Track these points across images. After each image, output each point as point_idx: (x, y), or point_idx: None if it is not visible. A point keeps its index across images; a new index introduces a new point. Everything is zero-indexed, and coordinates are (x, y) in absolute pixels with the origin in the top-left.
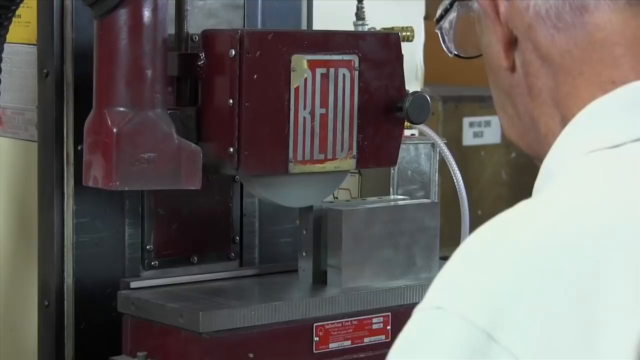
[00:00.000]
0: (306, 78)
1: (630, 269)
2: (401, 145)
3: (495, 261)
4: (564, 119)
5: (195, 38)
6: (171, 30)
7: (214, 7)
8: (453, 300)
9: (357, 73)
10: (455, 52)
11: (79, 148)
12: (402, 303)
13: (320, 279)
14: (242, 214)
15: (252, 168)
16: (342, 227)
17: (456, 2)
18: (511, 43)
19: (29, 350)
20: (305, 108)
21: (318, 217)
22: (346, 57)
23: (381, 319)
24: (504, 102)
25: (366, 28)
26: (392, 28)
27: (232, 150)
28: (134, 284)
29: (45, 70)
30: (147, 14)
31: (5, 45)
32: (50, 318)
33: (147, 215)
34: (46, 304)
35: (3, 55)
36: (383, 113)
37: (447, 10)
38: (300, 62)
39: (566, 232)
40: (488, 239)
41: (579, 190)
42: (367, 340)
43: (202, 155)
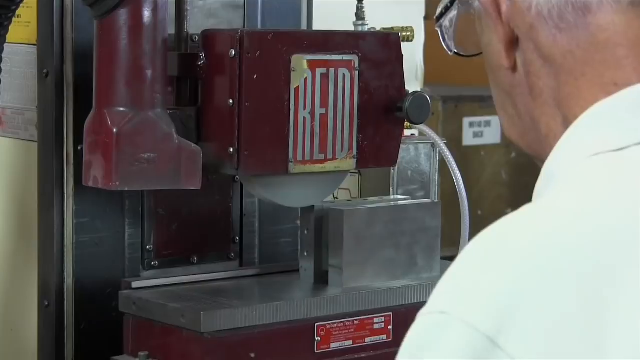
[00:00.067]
0: (306, 78)
1: (635, 272)
2: (401, 145)
3: (498, 266)
4: (565, 120)
5: (195, 38)
6: (171, 30)
7: (214, 7)
8: (456, 305)
9: (357, 73)
10: (455, 51)
11: (79, 148)
12: (404, 303)
13: (321, 278)
14: (242, 214)
15: (252, 168)
16: (343, 227)
17: (457, 0)
18: (512, 43)
19: (29, 350)
20: (305, 108)
21: (319, 217)
22: (346, 57)
23: (382, 319)
24: (504, 101)
25: (366, 28)
26: (392, 28)
27: (232, 150)
28: (135, 283)
29: (45, 70)
30: (147, 14)
31: (5, 45)
32: (50, 318)
33: (147, 215)
34: (46, 304)
35: (3, 55)
36: (383, 113)
37: (447, 8)
38: (300, 62)
39: (570, 236)
40: (491, 243)
41: (582, 193)
42: (368, 340)
43: (202, 155)
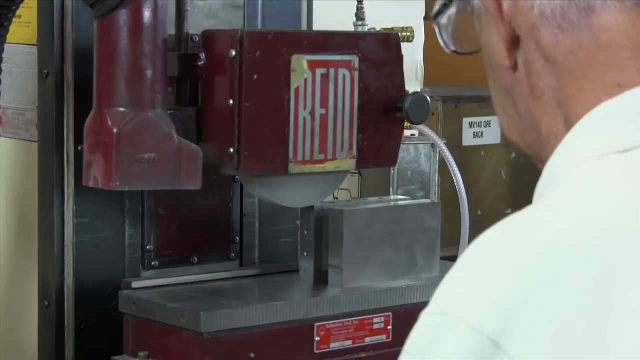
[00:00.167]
0: (306, 78)
1: None
2: (401, 145)
3: (501, 267)
4: (567, 121)
5: (195, 38)
6: (171, 30)
7: (214, 7)
8: (459, 306)
9: (357, 73)
10: (453, 48)
11: (79, 148)
12: (403, 303)
13: (321, 278)
14: (242, 214)
15: (252, 168)
16: (343, 227)
17: None
18: (513, 42)
19: (29, 350)
20: (305, 108)
21: (319, 217)
22: (346, 58)
23: (382, 319)
24: (503, 100)
25: (366, 28)
26: (392, 28)
27: (232, 150)
28: (135, 283)
29: (45, 71)
30: (147, 14)
31: (6, 46)
32: (50, 318)
33: (147, 215)
34: (46, 304)
35: (3, 56)
36: (383, 113)
37: (445, 5)
38: (300, 62)
39: (574, 238)
40: (495, 245)
41: (587, 195)
42: (368, 340)
43: (202, 155)
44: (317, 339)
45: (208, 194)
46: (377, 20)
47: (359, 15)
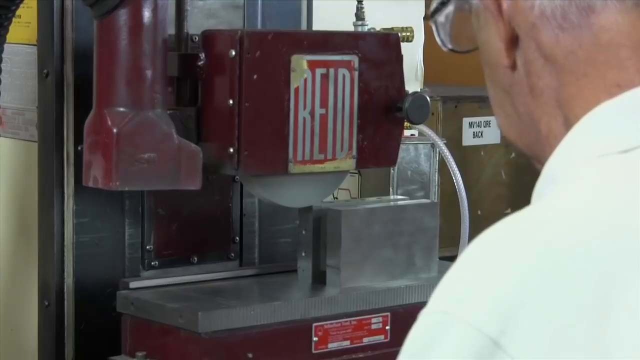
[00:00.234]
0: (306, 78)
1: None
2: (401, 146)
3: (502, 266)
4: (566, 121)
5: (195, 38)
6: (171, 30)
7: (214, 7)
8: (459, 305)
9: (357, 73)
10: (450, 47)
11: (79, 148)
12: (402, 303)
13: (319, 279)
14: (242, 214)
15: (252, 168)
16: (341, 227)
17: None
18: (512, 41)
19: (29, 350)
20: (305, 108)
21: (317, 218)
22: (346, 58)
23: (380, 319)
24: (502, 100)
25: (366, 28)
26: (392, 28)
27: (232, 150)
28: (133, 284)
29: (45, 71)
30: (147, 14)
31: (6, 46)
32: (50, 318)
33: (147, 215)
34: (46, 304)
35: (3, 56)
36: (383, 113)
37: (444, 3)
38: (300, 63)
39: (575, 239)
40: (494, 244)
41: (587, 195)
42: (366, 340)
43: (202, 155)
44: (315, 339)
45: (208, 194)
46: (377, 20)
47: (359, 15)
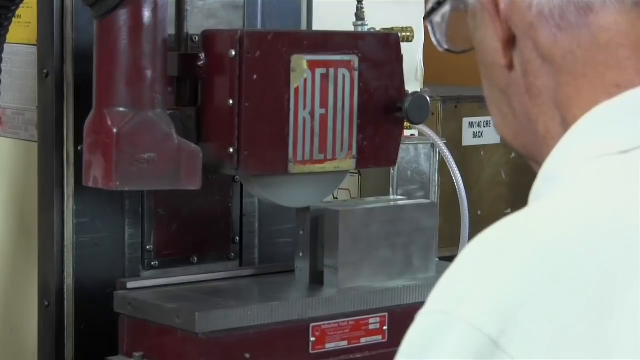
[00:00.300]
0: (306, 78)
1: None
2: (401, 146)
3: (502, 266)
4: (564, 121)
5: (195, 38)
6: (171, 30)
7: (214, 7)
8: (458, 305)
9: (357, 73)
10: (447, 47)
11: (79, 148)
12: (399, 303)
13: (317, 279)
14: (242, 214)
15: (251, 168)
16: (339, 228)
17: None
18: (509, 41)
19: (29, 350)
20: (305, 108)
21: (315, 218)
22: (346, 58)
23: (378, 319)
24: (498, 100)
25: (366, 28)
26: (392, 28)
27: (232, 150)
28: (130, 284)
29: (45, 71)
30: (147, 14)
31: (6, 46)
32: (50, 318)
33: (147, 215)
34: (46, 304)
35: (3, 56)
36: (383, 113)
37: (440, 3)
38: (300, 63)
39: (575, 240)
40: (494, 244)
41: (586, 196)
42: (363, 340)
43: (202, 155)
44: (312, 339)
45: (208, 194)
46: (377, 20)
47: (359, 15)
